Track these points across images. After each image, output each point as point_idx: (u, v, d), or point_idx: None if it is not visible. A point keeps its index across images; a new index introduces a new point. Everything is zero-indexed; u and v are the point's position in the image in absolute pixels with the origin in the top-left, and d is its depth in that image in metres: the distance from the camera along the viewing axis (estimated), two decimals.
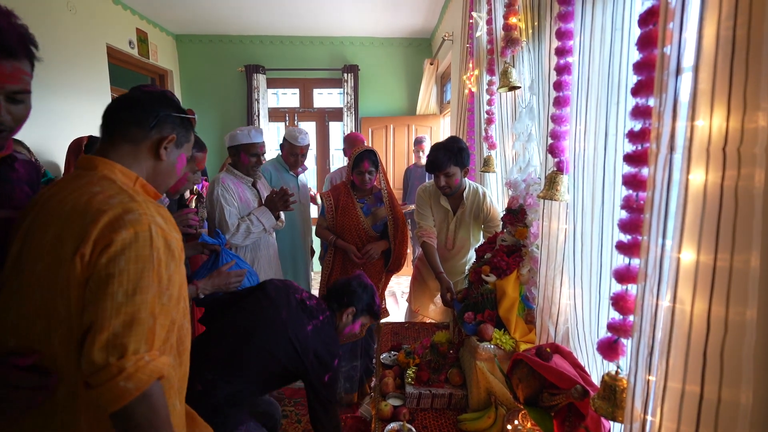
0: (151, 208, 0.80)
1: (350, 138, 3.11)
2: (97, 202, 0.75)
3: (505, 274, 1.55)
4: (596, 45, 1.00)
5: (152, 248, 0.75)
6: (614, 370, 0.86)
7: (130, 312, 0.71)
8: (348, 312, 1.54)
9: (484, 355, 1.38)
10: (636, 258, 0.81)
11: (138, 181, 0.88)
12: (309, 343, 1.35)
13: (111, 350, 0.69)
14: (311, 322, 1.39)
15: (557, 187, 1.13)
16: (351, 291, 1.55)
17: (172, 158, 0.94)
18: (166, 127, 0.91)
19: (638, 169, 0.79)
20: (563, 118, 1.11)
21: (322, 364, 1.37)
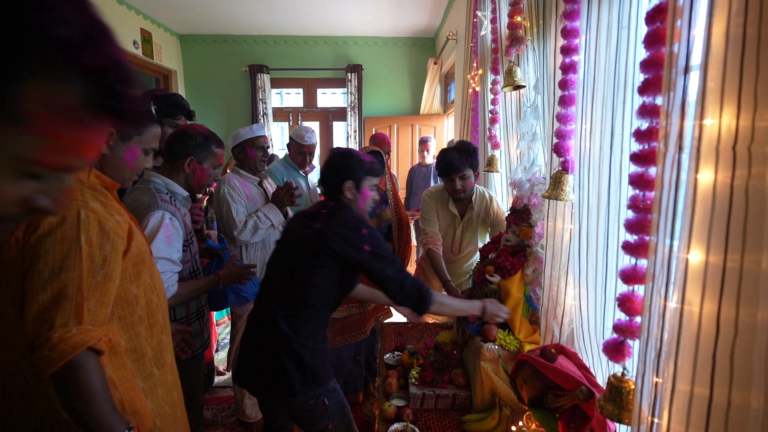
0: (86, 195, 0.84)
1: (378, 139, 3.06)
2: None
3: (510, 275, 1.53)
4: (602, 43, 0.99)
5: (79, 230, 0.80)
6: (620, 372, 0.85)
7: (56, 288, 0.77)
8: (346, 188, 1.38)
9: (488, 355, 1.37)
10: (643, 258, 0.80)
11: (92, 172, 0.92)
12: (327, 234, 1.27)
13: (41, 323, 0.75)
14: (318, 220, 1.32)
15: (562, 186, 1.12)
16: (336, 170, 1.38)
17: (117, 152, 0.99)
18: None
19: (645, 169, 0.78)
20: (569, 117, 1.10)
21: (348, 240, 1.27)
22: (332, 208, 1.35)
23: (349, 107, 4.68)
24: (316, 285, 1.29)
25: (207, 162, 1.49)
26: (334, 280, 1.31)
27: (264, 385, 1.31)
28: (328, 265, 1.28)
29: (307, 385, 1.27)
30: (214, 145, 1.52)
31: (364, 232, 1.29)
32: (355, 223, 1.31)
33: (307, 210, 1.44)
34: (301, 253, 1.31)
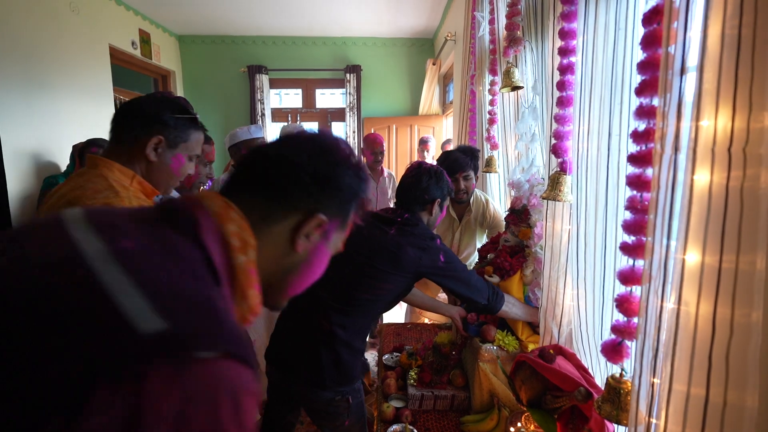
0: (134, 203, 0.86)
1: (370, 139, 3.05)
2: (85, 197, 0.83)
3: (509, 275, 1.54)
4: (599, 44, 1.00)
5: None
6: (618, 373, 0.86)
7: None
8: (434, 206, 1.40)
9: (486, 356, 1.38)
10: (640, 259, 0.80)
11: (135, 179, 0.94)
12: (403, 243, 1.28)
13: None
14: (392, 226, 1.32)
15: (560, 187, 1.13)
16: (428, 188, 1.37)
17: (165, 159, 0.98)
18: (153, 128, 0.95)
19: (642, 170, 0.79)
20: (566, 118, 1.11)
21: (424, 250, 1.28)
22: (407, 219, 1.34)
23: (348, 108, 4.68)
24: (380, 289, 1.29)
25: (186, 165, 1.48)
26: (398, 287, 1.32)
27: (295, 370, 1.29)
28: (400, 273, 1.28)
29: (337, 382, 1.28)
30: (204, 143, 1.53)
31: (438, 243, 1.31)
32: (429, 234, 1.33)
33: (377, 212, 1.42)
34: (373, 256, 1.28)
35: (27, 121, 2.58)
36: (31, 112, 2.62)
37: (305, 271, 0.58)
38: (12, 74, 2.49)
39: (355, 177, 0.58)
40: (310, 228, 0.54)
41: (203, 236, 0.46)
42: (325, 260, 0.61)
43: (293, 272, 0.57)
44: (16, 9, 2.52)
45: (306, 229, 0.54)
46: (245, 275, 0.49)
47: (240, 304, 0.49)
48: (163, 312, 0.35)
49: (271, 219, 0.53)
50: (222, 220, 0.48)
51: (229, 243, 0.48)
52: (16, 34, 2.52)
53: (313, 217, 0.54)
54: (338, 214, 0.58)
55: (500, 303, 1.35)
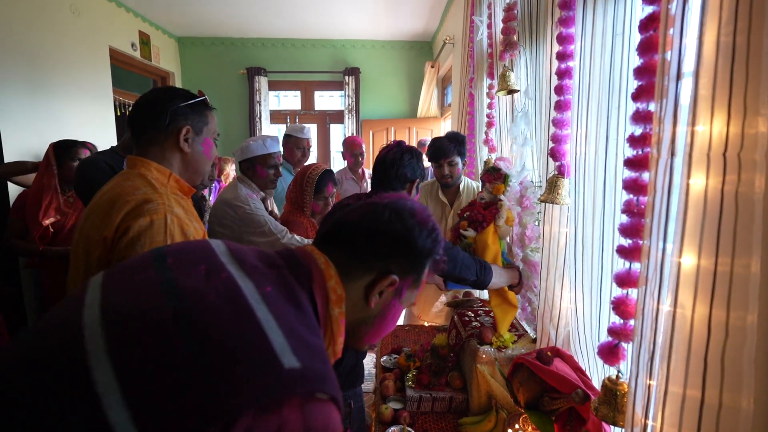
0: (171, 200, 0.89)
1: (348, 142, 3.10)
2: (124, 194, 0.87)
3: (482, 227, 1.56)
4: (597, 50, 1.01)
5: (166, 234, 0.84)
6: (615, 375, 0.86)
7: None
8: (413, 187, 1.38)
9: (484, 358, 1.38)
10: (636, 262, 0.81)
11: (171, 177, 0.96)
12: None
13: None
14: None
15: (558, 190, 1.13)
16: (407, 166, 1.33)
17: (197, 147, 1.00)
18: (179, 120, 0.96)
19: (639, 174, 0.80)
20: (564, 122, 1.12)
21: None
22: None
23: (346, 110, 4.69)
24: None
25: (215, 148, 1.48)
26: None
27: None
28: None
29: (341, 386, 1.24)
30: None
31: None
32: None
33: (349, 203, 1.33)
34: None
35: (29, 122, 2.59)
36: (32, 113, 2.62)
37: (379, 324, 0.64)
38: (15, 76, 2.50)
39: (428, 238, 0.62)
40: (383, 286, 0.60)
41: (315, 289, 0.55)
42: (397, 314, 0.67)
43: (368, 324, 0.63)
44: (18, 12, 2.53)
45: (379, 287, 0.60)
46: (337, 325, 0.57)
47: (329, 348, 0.58)
48: (297, 352, 0.42)
49: (351, 276, 0.60)
50: (326, 275, 0.57)
51: (329, 297, 0.56)
52: (18, 37, 2.53)
53: (385, 277, 0.60)
54: (411, 273, 0.63)
55: (489, 276, 1.36)
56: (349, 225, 0.62)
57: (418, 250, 0.61)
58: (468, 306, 1.79)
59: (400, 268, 0.61)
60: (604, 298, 1.08)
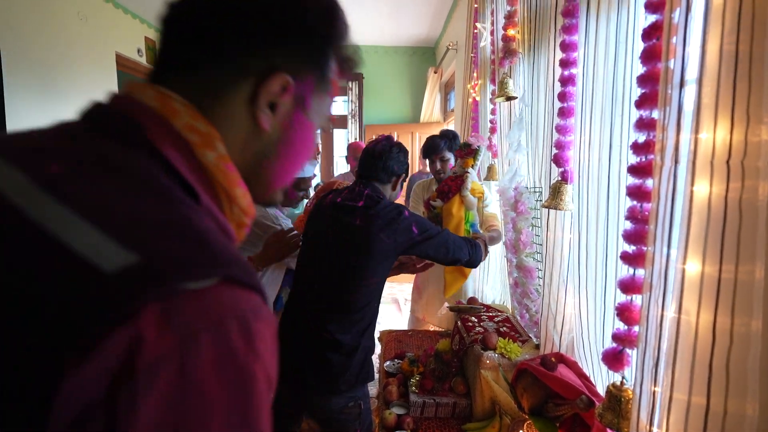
0: None
1: (353, 147, 3.12)
2: None
3: (448, 198, 1.68)
4: (600, 57, 1.01)
5: None
6: (619, 381, 0.86)
7: None
8: (399, 182, 1.38)
9: (488, 364, 1.38)
10: (640, 268, 0.81)
11: None
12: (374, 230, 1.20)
13: None
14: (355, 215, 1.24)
15: (562, 196, 1.14)
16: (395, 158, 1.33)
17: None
18: None
19: (642, 181, 0.80)
20: (567, 129, 1.12)
21: (396, 230, 1.22)
22: (367, 197, 1.26)
23: (349, 115, 4.71)
24: (370, 284, 1.23)
25: None
26: (386, 272, 1.27)
27: (304, 380, 1.23)
28: (382, 263, 1.22)
29: (351, 384, 1.24)
30: None
31: (407, 214, 1.26)
32: (396, 208, 1.26)
33: (335, 200, 1.31)
34: (349, 257, 1.22)
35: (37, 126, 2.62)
36: (41, 117, 2.66)
37: (286, 152, 0.43)
38: (23, 81, 2.55)
39: (323, 10, 0.42)
40: (272, 94, 0.39)
41: (155, 140, 0.35)
42: (309, 136, 0.45)
43: (270, 156, 0.43)
44: (27, 19, 2.57)
45: (265, 96, 0.39)
46: (222, 174, 0.38)
47: (231, 211, 0.40)
48: (128, 240, 0.27)
49: (218, 96, 0.39)
50: (166, 113, 0.36)
51: (187, 141, 0.36)
52: (27, 43, 2.58)
53: (270, 77, 0.39)
54: (309, 65, 0.42)
55: (479, 253, 1.39)
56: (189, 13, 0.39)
57: (308, 23, 0.41)
58: (471, 312, 1.79)
59: (290, 61, 0.40)
60: (608, 304, 1.08)
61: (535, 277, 1.47)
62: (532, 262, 1.49)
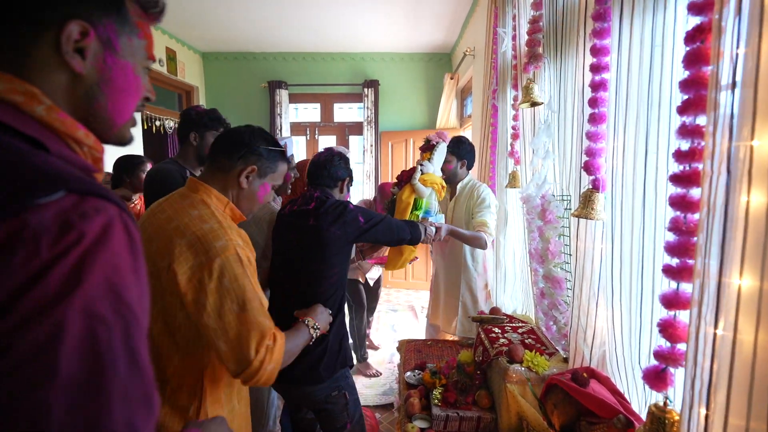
0: (234, 233, 0.93)
1: (384, 189, 2.88)
2: (192, 225, 0.90)
3: (401, 186, 1.98)
4: (635, 62, 0.98)
5: (244, 266, 0.90)
6: (662, 401, 0.82)
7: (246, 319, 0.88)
8: (344, 184, 1.56)
9: (515, 377, 1.34)
10: (685, 283, 0.77)
11: (228, 206, 1.01)
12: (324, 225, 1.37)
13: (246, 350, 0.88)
14: (308, 216, 1.40)
15: (593, 205, 1.10)
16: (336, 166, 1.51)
17: (254, 186, 1.04)
18: (251, 159, 1.02)
19: (686, 190, 0.76)
20: (599, 135, 1.09)
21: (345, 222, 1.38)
22: (317, 199, 1.44)
23: (365, 122, 4.72)
24: (333, 275, 1.38)
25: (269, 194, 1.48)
26: (345, 260, 1.42)
27: (293, 375, 1.33)
28: (337, 253, 1.37)
29: (331, 370, 1.37)
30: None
31: (351, 207, 1.43)
32: (342, 204, 1.43)
33: (292, 209, 1.48)
34: (309, 254, 1.38)
35: None
36: None
37: (110, 90, 0.47)
38: None
39: None
40: (71, 42, 0.43)
41: None
42: (129, 73, 0.49)
43: (98, 98, 0.47)
44: None
45: (66, 44, 0.42)
46: (59, 122, 0.42)
47: (82, 151, 0.45)
48: None
49: (23, 52, 0.41)
50: None
51: (13, 102, 0.40)
52: None
53: (64, 25, 0.42)
54: (106, 13, 0.45)
55: (418, 231, 1.66)
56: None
57: None
58: (494, 322, 1.75)
59: (84, 9, 0.43)
60: (644, 318, 1.03)
61: (564, 288, 1.42)
62: (560, 273, 1.44)
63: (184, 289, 0.86)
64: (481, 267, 2.24)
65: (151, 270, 0.87)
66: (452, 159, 2.18)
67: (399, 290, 4.79)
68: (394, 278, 4.83)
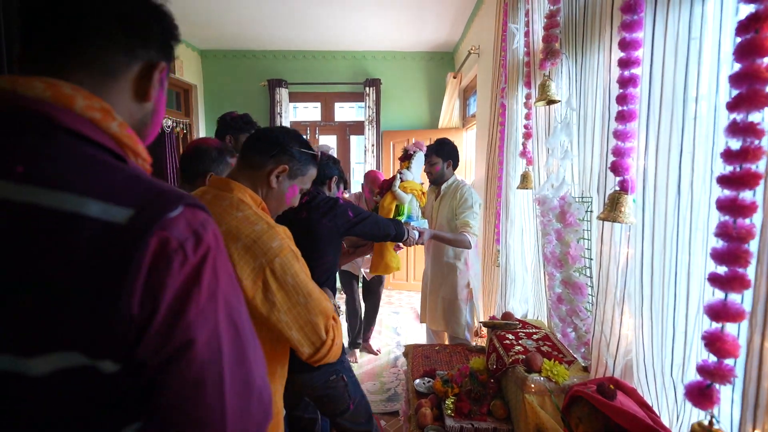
0: (281, 230, 0.96)
1: (371, 177, 2.98)
2: (245, 229, 0.92)
3: (383, 193, 2.11)
4: (669, 55, 0.92)
5: (298, 261, 0.95)
6: (707, 420, 0.76)
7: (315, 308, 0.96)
8: (332, 182, 1.64)
9: (533, 388, 1.28)
10: (735, 293, 0.71)
11: (261, 205, 1.01)
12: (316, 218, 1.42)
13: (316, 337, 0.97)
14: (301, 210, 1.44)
15: (621, 208, 1.04)
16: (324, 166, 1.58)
17: (283, 187, 1.05)
18: (283, 159, 1.03)
19: (737, 193, 0.70)
20: (627, 134, 1.03)
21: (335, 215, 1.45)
22: (309, 194, 1.49)
23: (367, 121, 4.65)
24: (325, 263, 1.42)
25: (225, 174, 1.45)
26: (336, 250, 1.49)
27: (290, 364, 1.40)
28: (329, 244, 1.43)
29: None
30: (229, 156, 1.50)
31: (342, 202, 1.50)
32: (332, 199, 1.50)
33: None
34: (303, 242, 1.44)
35: None
36: None
37: (155, 120, 0.58)
38: None
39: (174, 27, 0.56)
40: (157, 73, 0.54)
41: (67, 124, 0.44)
42: (164, 103, 0.60)
43: (148, 123, 0.57)
44: None
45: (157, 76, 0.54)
46: (127, 137, 0.49)
47: (137, 162, 0.52)
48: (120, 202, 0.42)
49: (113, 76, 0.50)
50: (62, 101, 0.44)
51: (91, 119, 0.46)
52: None
53: (158, 63, 0.53)
54: (167, 59, 0.56)
55: (402, 228, 1.79)
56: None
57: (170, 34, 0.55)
58: (506, 328, 1.69)
59: (160, 53, 0.54)
60: (677, 328, 0.97)
61: (585, 294, 1.36)
62: (582, 279, 1.38)
63: (250, 292, 0.89)
64: (462, 264, 2.32)
65: None
66: (438, 160, 2.28)
67: (400, 292, 4.73)
68: (396, 280, 4.77)
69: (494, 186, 2.49)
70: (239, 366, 0.46)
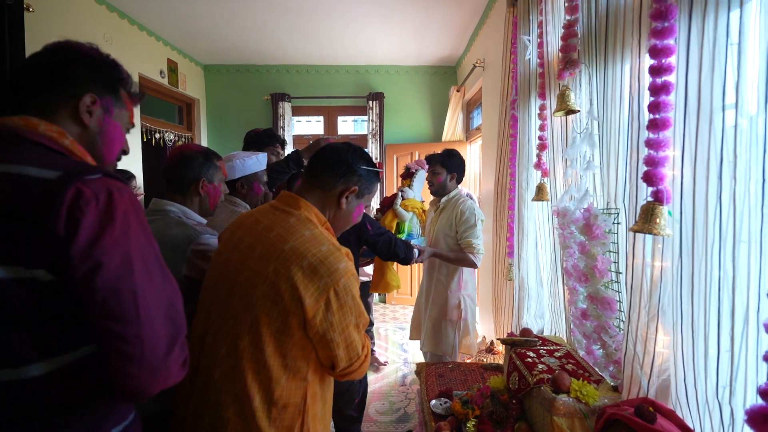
0: (345, 252, 0.96)
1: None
2: (312, 248, 0.92)
3: (384, 211, 2.25)
4: (707, 62, 0.89)
5: (357, 283, 0.96)
6: None
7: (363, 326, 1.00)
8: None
9: (562, 410, 1.21)
10: None
11: (325, 224, 1.01)
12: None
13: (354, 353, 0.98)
14: None
15: (656, 219, 1.00)
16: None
17: (351, 207, 1.06)
18: (352, 179, 1.03)
19: None
20: (661, 143, 0.99)
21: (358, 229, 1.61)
22: None
23: (370, 134, 4.65)
24: None
25: (216, 178, 1.38)
26: (355, 256, 1.59)
27: None
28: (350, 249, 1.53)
29: None
30: (216, 159, 1.40)
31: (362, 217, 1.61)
32: None
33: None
34: None
35: None
36: None
37: (105, 141, 0.79)
38: None
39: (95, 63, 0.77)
40: (87, 105, 0.75)
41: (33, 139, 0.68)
42: (119, 130, 0.81)
43: (98, 144, 0.78)
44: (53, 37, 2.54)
45: (83, 106, 0.74)
46: (77, 150, 0.72)
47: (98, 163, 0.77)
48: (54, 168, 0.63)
49: (60, 109, 0.73)
50: (31, 126, 0.69)
51: (50, 136, 0.69)
52: None
53: (83, 96, 0.74)
54: (108, 92, 0.78)
55: (411, 254, 1.86)
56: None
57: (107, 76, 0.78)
58: (526, 345, 1.62)
59: (98, 90, 0.76)
60: (723, 345, 0.92)
61: (615, 310, 1.31)
62: (609, 293, 1.33)
63: (311, 310, 0.89)
64: (455, 283, 2.21)
65: (250, 276, 0.92)
66: (442, 171, 2.21)
67: (405, 307, 4.65)
68: (400, 294, 4.69)
69: (505, 198, 2.45)
70: (149, 283, 0.66)
